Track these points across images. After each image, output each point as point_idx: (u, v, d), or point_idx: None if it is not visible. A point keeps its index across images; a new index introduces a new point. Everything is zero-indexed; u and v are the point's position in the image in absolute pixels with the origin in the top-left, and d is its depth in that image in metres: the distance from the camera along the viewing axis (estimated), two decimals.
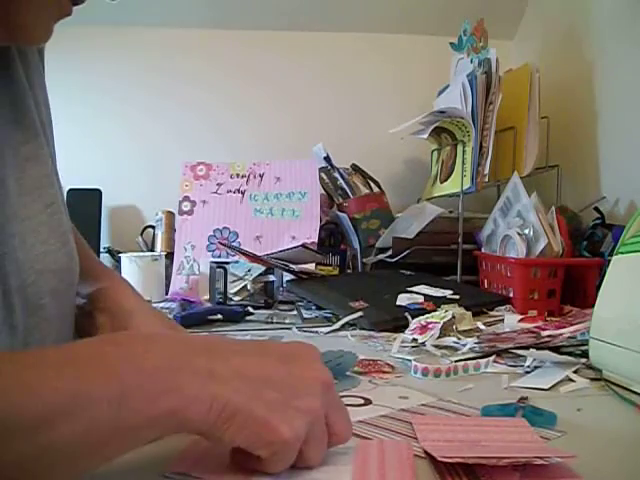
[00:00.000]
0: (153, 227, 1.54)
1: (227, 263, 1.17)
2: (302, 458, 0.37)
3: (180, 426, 0.34)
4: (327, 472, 0.38)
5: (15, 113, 0.47)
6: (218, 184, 1.42)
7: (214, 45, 1.66)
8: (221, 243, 1.33)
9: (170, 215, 1.48)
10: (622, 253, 0.62)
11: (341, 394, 0.56)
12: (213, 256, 1.34)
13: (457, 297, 1.02)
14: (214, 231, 1.37)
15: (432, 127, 1.31)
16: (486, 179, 1.27)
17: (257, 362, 0.37)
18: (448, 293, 1.04)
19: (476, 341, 0.76)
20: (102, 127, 1.62)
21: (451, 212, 1.33)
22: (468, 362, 0.66)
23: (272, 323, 0.98)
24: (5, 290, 0.42)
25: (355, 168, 1.49)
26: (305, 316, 1.01)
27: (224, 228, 1.38)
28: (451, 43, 1.36)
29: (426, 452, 0.41)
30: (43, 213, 0.46)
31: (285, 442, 0.35)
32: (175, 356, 0.35)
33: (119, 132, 1.63)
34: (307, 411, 0.36)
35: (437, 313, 0.86)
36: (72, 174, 1.55)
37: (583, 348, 0.68)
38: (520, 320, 0.94)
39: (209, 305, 1.14)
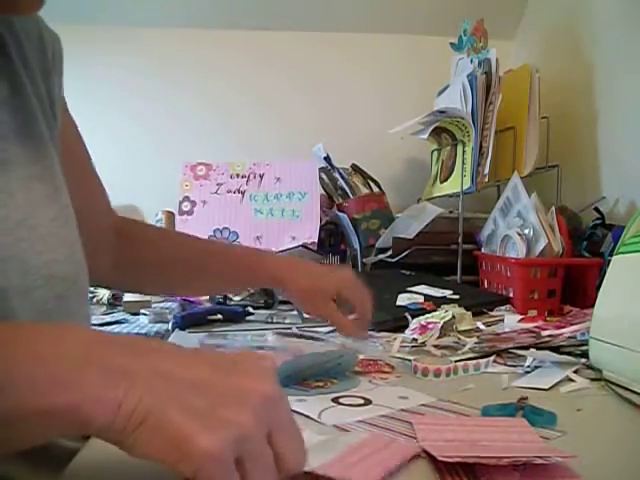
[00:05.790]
0: None
1: None
2: None
3: (82, 426, 0.30)
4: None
5: (24, 128, 0.48)
6: (218, 184, 1.42)
7: (215, 45, 1.66)
8: None
9: (170, 215, 1.48)
10: (622, 253, 0.62)
11: (341, 394, 0.56)
12: None
13: (457, 297, 1.02)
14: (214, 231, 1.37)
15: (432, 127, 1.32)
16: (486, 179, 1.27)
17: (187, 365, 0.32)
18: (448, 293, 1.04)
19: (476, 341, 0.77)
20: (102, 127, 1.62)
21: (451, 212, 1.33)
22: (468, 362, 0.66)
23: (272, 323, 0.98)
24: (6, 291, 0.42)
25: (355, 168, 1.49)
26: (305, 316, 1.01)
27: (224, 228, 1.38)
28: (451, 43, 1.36)
29: (426, 452, 0.41)
30: (51, 225, 0.47)
31: (206, 455, 0.28)
32: (90, 348, 0.32)
33: (119, 132, 1.63)
34: (235, 423, 0.29)
35: (437, 313, 0.86)
36: None
37: (583, 348, 0.68)
38: (520, 320, 0.94)
39: (209, 305, 1.14)
